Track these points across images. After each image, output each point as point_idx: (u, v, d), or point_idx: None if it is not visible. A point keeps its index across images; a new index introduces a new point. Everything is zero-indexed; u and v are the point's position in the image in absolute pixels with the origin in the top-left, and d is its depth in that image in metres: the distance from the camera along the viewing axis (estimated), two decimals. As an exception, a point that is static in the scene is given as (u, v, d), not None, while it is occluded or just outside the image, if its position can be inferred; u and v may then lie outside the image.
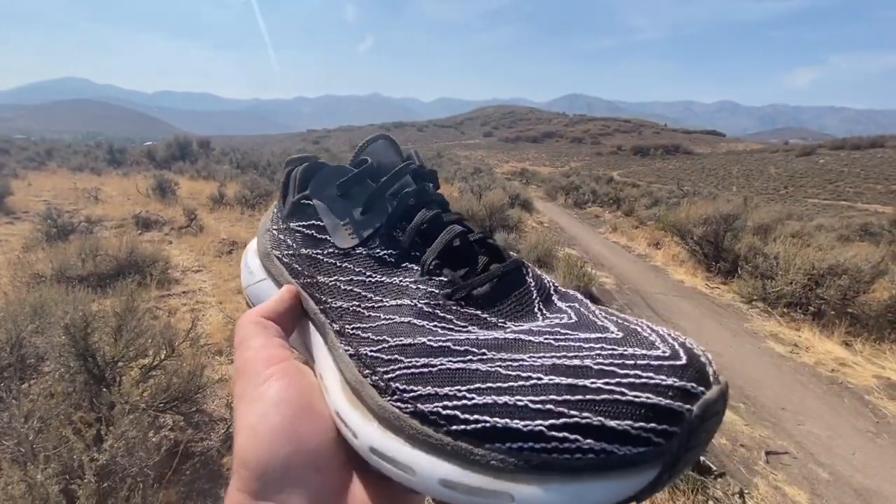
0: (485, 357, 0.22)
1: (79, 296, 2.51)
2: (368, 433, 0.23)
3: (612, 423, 0.19)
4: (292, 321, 0.31)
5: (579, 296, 0.27)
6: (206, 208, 7.54)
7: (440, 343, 0.24)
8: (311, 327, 0.31)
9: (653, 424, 0.19)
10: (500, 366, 0.22)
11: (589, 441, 0.19)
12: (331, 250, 0.30)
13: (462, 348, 0.23)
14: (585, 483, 0.19)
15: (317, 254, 0.31)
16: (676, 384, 0.19)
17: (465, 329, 0.25)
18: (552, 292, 0.27)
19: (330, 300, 0.29)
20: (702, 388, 0.19)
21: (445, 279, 0.27)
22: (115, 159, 16.35)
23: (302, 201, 0.33)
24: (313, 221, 0.32)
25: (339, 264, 0.30)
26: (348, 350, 0.26)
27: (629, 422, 0.19)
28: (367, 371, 0.25)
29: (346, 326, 0.27)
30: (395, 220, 0.30)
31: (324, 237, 0.31)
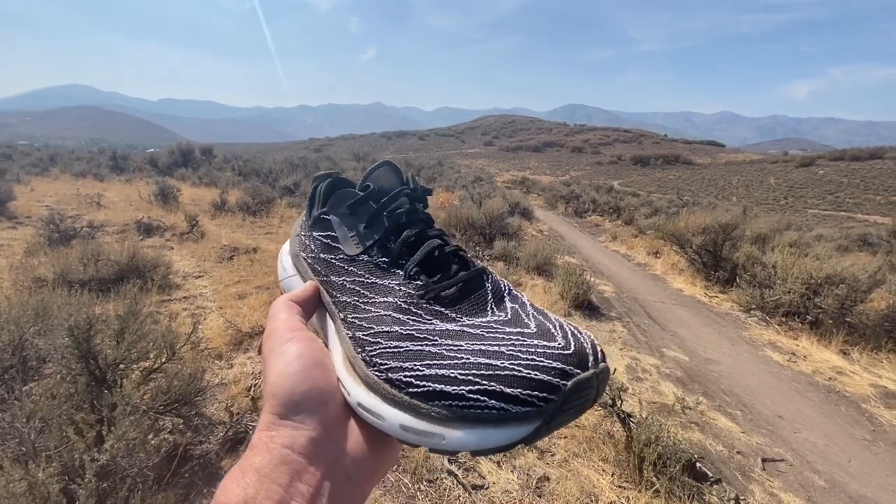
0: (436, 342, 0.31)
1: (81, 299, 2.53)
2: (357, 392, 0.32)
3: (509, 391, 0.27)
4: (312, 307, 0.40)
5: (524, 298, 0.36)
6: (207, 215, 7.59)
7: (408, 331, 0.33)
8: (325, 313, 0.40)
9: (536, 392, 0.27)
10: (444, 349, 0.31)
11: (493, 402, 0.27)
12: (341, 256, 0.39)
13: (422, 336, 0.32)
14: (489, 429, 0.27)
15: (331, 259, 0.40)
16: (558, 366, 0.28)
17: (429, 321, 0.33)
18: (505, 295, 0.36)
19: (338, 295, 0.38)
20: (578, 371, 0.28)
21: (420, 283, 0.35)
22: (118, 165, 16.46)
23: (321, 216, 0.41)
24: (329, 233, 0.41)
25: (346, 268, 0.38)
26: (348, 333, 0.35)
27: (520, 390, 0.27)
28: (359, 349, 0.34)
29: (349, 316, 0.36)
30: (389, 234, 0.38)
31: (336, 245, 0.40)
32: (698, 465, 2.29)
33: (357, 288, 0.37)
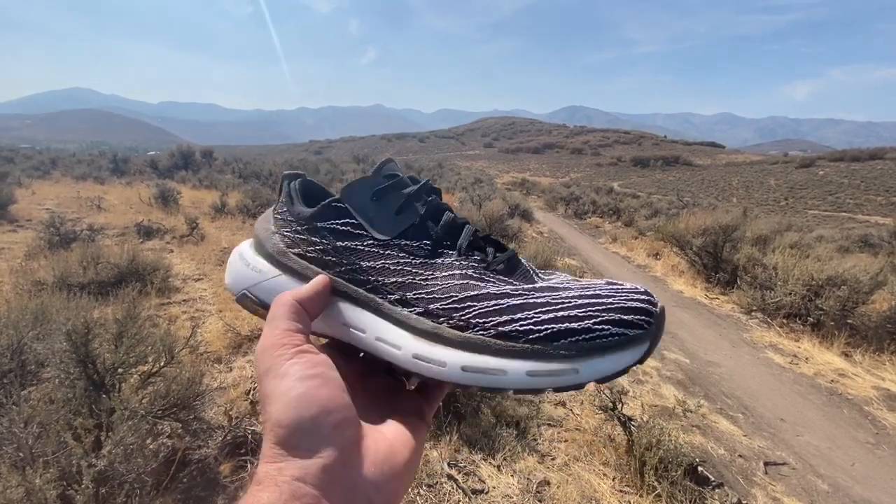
0: (535, 295, 0.35)
1: (80, 303, 2.53)
2: (457, 358, 0.33)
3: (626, 317, 0.32)
4: (320, 306, 0.37)
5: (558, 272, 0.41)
6: (207, 217, 7.59)
7: (501, 290, 0.35)
8: (347, 306, 0.38)
9: (642, 317, 0.32)
10: (549, 298, 0.34)
11: (616, 329, 0.32)
12: (370, 241, 0.38)
13: (518, 292, 0.35)
14: (617, 354, 0.32)
15: (357, 245, 0.39)
16: (644, 298, 0.33)
17: (509, 283, 0.36)
18: (537, 270, 0.40)
19: (381, 278, 0.37)
20: (656, 300, 0.34)
21: (479, 258, 0.38)
22: (119, 168, 16.49)
23: (334, 204, 0.40)
24: (348, 219, 0.39)
25: (381, 251, 0.38)
26: (415, 310, 0.36)
27: (631, 316, 0.32)
28: (442, 319, 0.35)
29: (408, 294, 0.36)
30: (426, 219, 0.39)
31: (360, 232, 0.39)
32: (700, 469, 2.28)
33: (406, 268, 0.37)
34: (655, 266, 7.97)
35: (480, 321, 0.33)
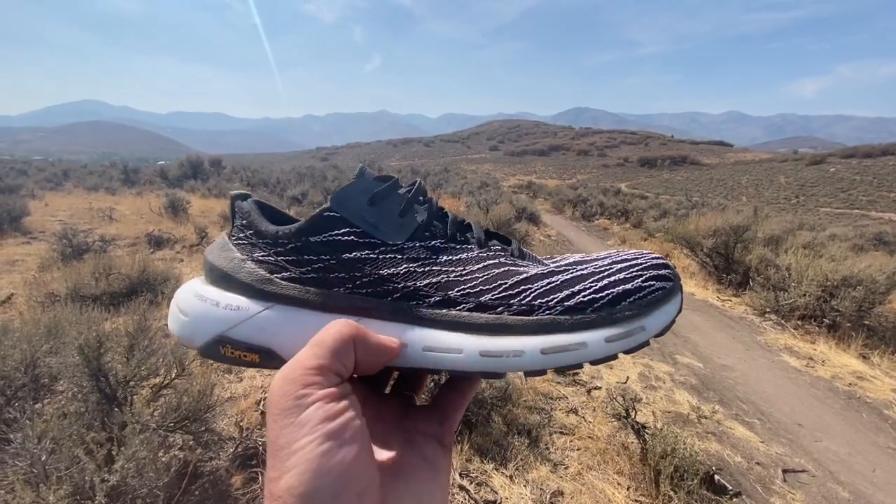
0: (577, 268, 0.35)
1: (92, 315, 2.55)
2: (532, 343, 0.32)
3: (661, 272, 0.34)
4: (352, 357, 0.29)
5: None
6: (216, 226, 7.65)
7: (547, 269, 0.36)
8: (373, 323, 0.33)
9: (668, 271, 0.35)
10: (591, 268, 0.35)
11: (659, 283, 0.34)
12: (383, 248, 0.36)
13: (562, 268, 0.36)
14: (666, 306, 0.34)
15: (368, 254, 0.35)
16: (658, 256, 0.36)
17: (540, 263, 0.37)
18: (538, 255, 0.41)
19: (410, 283, 0.35)
20: (671, 262, 0.36)
21: (499, 247, 0.39)
22: (130, 179, 16.72)
23: (326, 214, 0.36)
24: (348, 228, 0.36)
25: (399, 256, 0.36)
26: (465, 307, 0.34)
27: (663, 271, 0.35)
28: (500, 308, 0.34)
29: (450, 293, 0.35)
30: (431, 219, 0.38)
31: (368, 240, 0.36)
32: (717, 477, 2.23)
33: (434, 268, 0.35)
34: (665, 268, 7.89)
35: (543, 301, 0.33)
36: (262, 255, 0.36)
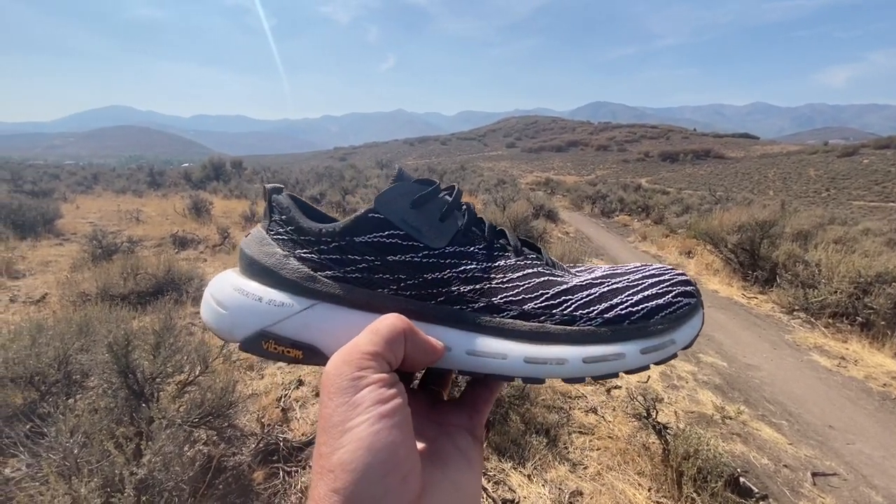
0: (609, 281, 0.37)
1: (121, 314, 2.64)
2: (574, 352, 0.33)
3: (686, 289, 0.36)
4: (401, 349, 0.30)
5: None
6: (238, 226, 7.81)
7: (584, 280, 0.37)
8: (418, 325, 0.33)
9: (692, 287, 0.36)
10: (623, 282, 0.36)
11: (685, 299, 0.35)
12: (426, 252, 0.36)
13: (598, 281, 0.37)
14: (691, 320, 0.35)
15: (411, 258, 0.35)
16: (681, 273, 0.37)
17: (574, 275, 0.38)
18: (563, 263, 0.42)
19: (455, 289, 0.35)
20: (692, 279, 0.38)
21: (534, 256, 0.40)
22: (155, 181, 17.22)
23: (370, 215, 0.36)
24: (392, 231, 0.36)
25: (441, 261, 0.36)
26: (508, 313, 0.35)
27: (688, 287, 0.36)
28: (543, 317, 0.35)
29: (494, 299, 0.35)
30: (469, 225, 0.38)
31: (411, 243, 0.36)
32: (742, 479, 2.17)
33: (476, 274, 0.36)
34: (688, 265, 7.70)
35: (584, 312, 0.34)
36: (305, 253, 0.36)
